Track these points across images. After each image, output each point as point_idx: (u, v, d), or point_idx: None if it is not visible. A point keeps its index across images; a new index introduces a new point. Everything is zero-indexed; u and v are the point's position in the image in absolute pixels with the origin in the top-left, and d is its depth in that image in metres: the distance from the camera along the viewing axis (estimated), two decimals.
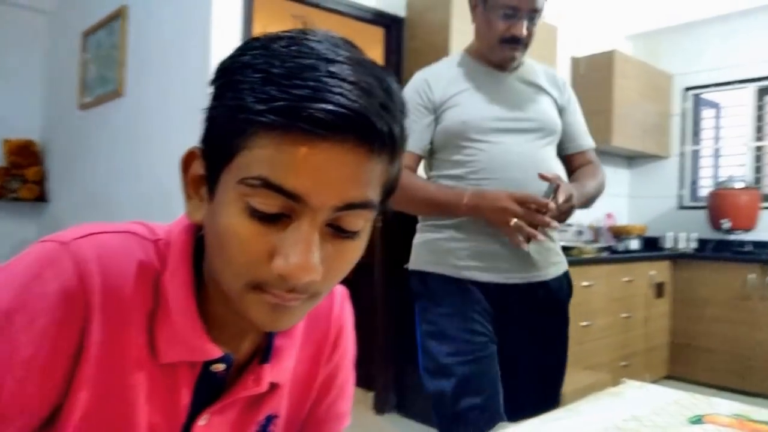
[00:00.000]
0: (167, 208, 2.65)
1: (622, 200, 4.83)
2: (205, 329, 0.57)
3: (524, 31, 1.50)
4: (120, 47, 3.23)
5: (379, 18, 3.22)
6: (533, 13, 1.50)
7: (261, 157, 0.48)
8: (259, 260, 0.50)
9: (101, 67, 3.47)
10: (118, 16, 3.27)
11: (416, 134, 1.54)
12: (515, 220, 1.37)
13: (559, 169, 1.64)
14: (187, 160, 0.57)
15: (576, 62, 4.20)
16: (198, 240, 0.60)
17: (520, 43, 1.52)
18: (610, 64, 4.02)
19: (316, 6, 2.95)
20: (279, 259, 0.49)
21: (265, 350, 0.64)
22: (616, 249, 4.10)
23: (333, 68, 0.48)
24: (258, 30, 3.91)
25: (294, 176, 0.47)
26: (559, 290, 1.61)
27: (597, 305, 3.42)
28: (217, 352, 0.58)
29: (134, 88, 3.16)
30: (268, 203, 0.49)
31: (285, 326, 0.56)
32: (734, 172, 4.37)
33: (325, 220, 0.50)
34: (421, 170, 1.67)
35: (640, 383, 0.93)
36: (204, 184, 0.55)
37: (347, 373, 0.77)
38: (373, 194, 0.52)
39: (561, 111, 1.66)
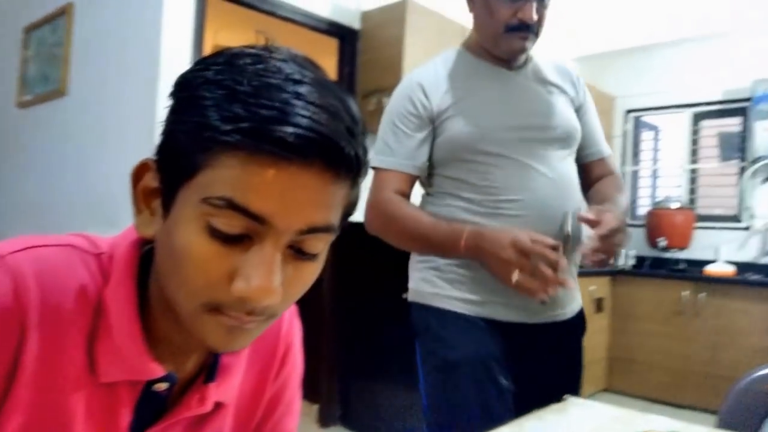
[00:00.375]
0: (109, 217, 2.57)
1: None
2: (147, 347, 0.55)
3: (534, 15, 1.25)
4: (65, 45, 3.12)
5: (334, 29, 3.22)
6: None
7: (226, 177, 0.47)
8: (218, 282, 0.49)
9: (43, 64, 3.34)
10: (64, 13, 3.16)
11: (409, 150, 1.29)
12: (518, 274, 1.11)
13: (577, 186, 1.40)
14: (139, 172, 0.55)
15: None
16: (145, 255, 0.58)
17: (530, 30, 1.27)
18: None
19: (272, 14, 2.93)
20: (240, 282, 0.49)
21: (210, 368, 0.63)
22: None
23: (300, 89, 0.47)
24: (210, 33, 3.87)
25: (260, 198, 0.47)
26: (578, 326, 1.40)
27: None
28: (159, 371, 0.56)
29: (78, 88, 3.06)
30: (232, 224, 0.48)
31: (239, 348, 0.55)
32: (671, 192, 4.57)
33: (287, 243, 0.50)
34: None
35: (582, 400, 0.95)
36: (157, 198, 0.53)
37: (294, 391, 0.76)
38: (335, 218, 0.52)
39: (577, 111, 1.41)
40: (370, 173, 1.43)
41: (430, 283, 1.32)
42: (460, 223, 1.21)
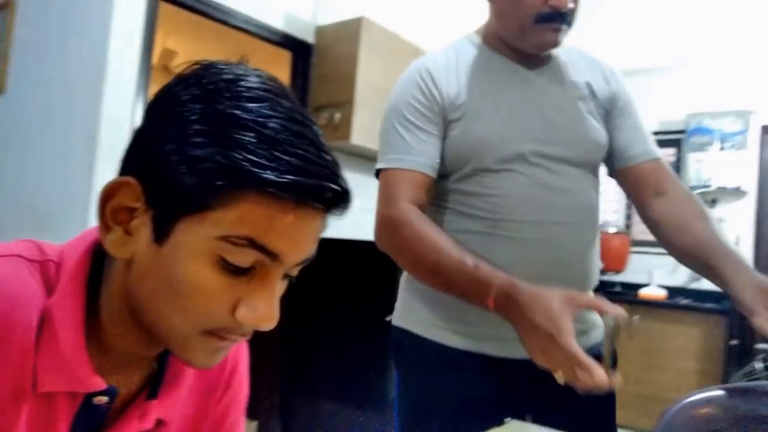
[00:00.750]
0: (42, 220, 2.46)
1: None
2: (90, 359, 0.54)
3: (569, 2, 1.06)
4: (5, 41, 3.00)
5: (287, 42, 3.22)
6: None
7: (248, 217, 0.49)
8: (222, 310, 0.52)
9: None
10: (5, 7, 3.04)
11: (425, 146, 1.10)
12: (561, 375, 0.86)
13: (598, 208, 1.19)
14: (114, 189, 0.53)
15: None
16: (95, 263, 0.57)
17: (564, 20, 1.07)
18: None
19: (225, 23, 2.90)
20: (246, 311, 0.52)
21: (153, 384, 0.61)
22: None
23: (308, 134, 0.51)
24: (160, 37, 3.79)
25: (278, 238, 0.50)
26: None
27: None
28: (100, 383, 0.55)
29: (17, 86, 2.94)
30: (245, 260, 0.51)
31: (215, 364, 0.56)
32: (608, 217, 4.74)
33: (284, 272, 0.54)
34: None
35: (521, 423, 0.97)
36: (134, 219, 0.53)
37: (238, 413, 0.74)
38: None
39: (609, 111, 1.20)
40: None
41: (421, 307, 1.16)
42: (488, 268, 0.96)
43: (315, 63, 3.29)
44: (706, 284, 4.30)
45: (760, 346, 3.27)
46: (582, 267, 1.11)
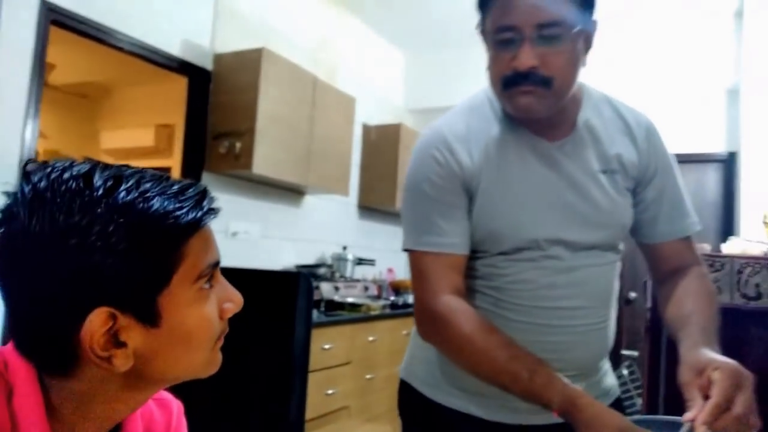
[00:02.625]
0: None
1: (402, 255, 5.23)
2: None
3: (529, 60, 0.92)
4: None
5: (184, 68, 3.16)
6: (547, 29, 0.92)
7: (198, 253, 0.60)
8: (218, 322, 0.64)
9: None
10: None
11: (455, 225, 1.03)
12: None
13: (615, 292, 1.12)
14: (88, 333, 0.55)
15: (367, 129, 4.56)
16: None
17: (530, 81, 0.93)
18: (396, 134, 4.45)
19: (120, 50, 2.81)
20: (229, 306, 0.65)
21: None
22: (396, 303, 4.43)
23: (173, 181, 0.62)
24: (52, 56, 3.56)
25: (212, 251, 0.63)
26: None
27: (380, 358, 3.67)
28: None
29: None
30: (210, 278, 0.63)
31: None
32: None
33: None
34: None
35: None
36: (115, 332, 0.56)
37: None
38: None
39: (638, 183, 1.08)
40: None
41: (433, 370, 1.12)
42: (544, 378, 0.90)
43: (213, 90, 3.27)
44: None
45: (626, 353, 3.67)
46: (585, 348, 1.06)
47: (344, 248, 4.23)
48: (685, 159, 4.31)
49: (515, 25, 0.92)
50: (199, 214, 0.60)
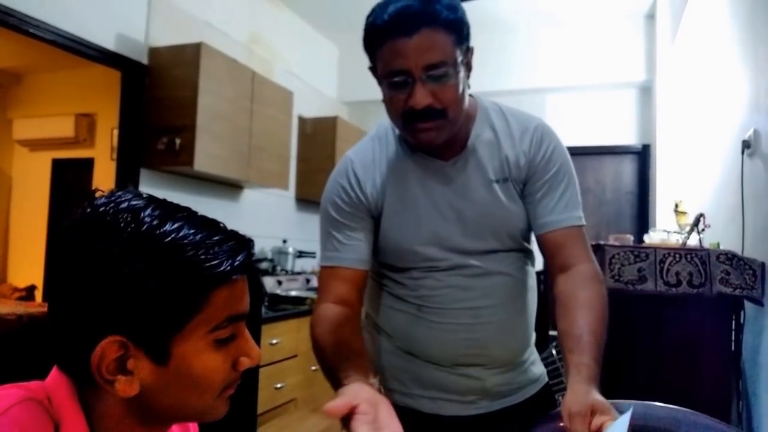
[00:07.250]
0: None
1: None
2: None
3: (423, 99, 0.99)
4: None
5: (117, 61, 3.06)
6: (435, 69, 0.98)
7: (221, 304, 0.62)
8: (228, 372, 0.65)
9: None
10: None
11: (352, 242, 1.13)
12: None
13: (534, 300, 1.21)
14: (100, 354, 0.59)
15: (303, 122, 4.56)
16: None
17: (429, 116, 1.01)
18: (333, 127, 4.48)
19: (52, 43, 2.69)
20: (245, 360, 0.66)
21: None
22: None
23: (209, 218, 0.65)
24: None
25: (239, 303, 0.65)
26: (535, 408, 1.18)
27: None
28: None
29: None
30: (229, 331, 0.64)
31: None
32: None
33: None
34: None
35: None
36: (125, 360, 0.60)
37: None
38: None
39: (525, 184, 1.15)
40: None
41: (386, 377, 1.19)
42: (350, 381, 0.93)
43: (149, 85, 3.18)
44: None
45: (553, 333, 3.90)
46: (504, 340, 1.15)
47: (284, 241, 4.25)
48: (603, 151, 4.66)
49: (406, 69, 0.98)
50: (230, 267, 0.61)
